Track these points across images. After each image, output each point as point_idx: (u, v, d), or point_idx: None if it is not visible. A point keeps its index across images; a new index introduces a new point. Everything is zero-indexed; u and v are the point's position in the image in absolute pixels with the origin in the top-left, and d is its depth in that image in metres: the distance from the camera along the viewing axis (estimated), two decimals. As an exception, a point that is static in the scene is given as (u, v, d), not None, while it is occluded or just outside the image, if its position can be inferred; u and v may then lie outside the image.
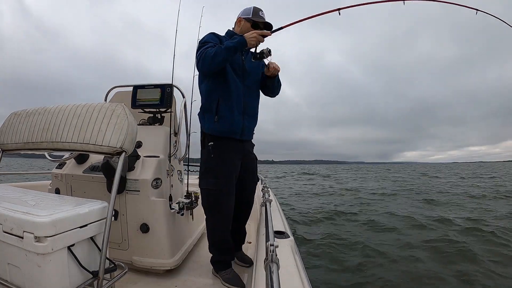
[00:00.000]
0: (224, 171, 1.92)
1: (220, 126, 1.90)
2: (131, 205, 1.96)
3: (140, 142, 2.20)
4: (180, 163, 2.48)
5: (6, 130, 1.56)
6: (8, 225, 1.01)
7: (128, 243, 1.99)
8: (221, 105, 1.89)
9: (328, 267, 4.10)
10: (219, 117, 1.89)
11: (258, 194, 3.92)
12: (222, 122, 1.89)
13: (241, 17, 2.03)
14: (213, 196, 1.93)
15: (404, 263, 4.36)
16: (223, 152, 1.93)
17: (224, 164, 1.93)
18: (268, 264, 0.89)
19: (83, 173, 2.07)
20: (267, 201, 2.05)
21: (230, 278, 1.91)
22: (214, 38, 1.90)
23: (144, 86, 2.34)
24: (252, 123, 2.08)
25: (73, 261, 1.07)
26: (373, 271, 3.90)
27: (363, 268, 4.04)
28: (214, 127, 1.91)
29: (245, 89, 1.99)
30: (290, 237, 1.59)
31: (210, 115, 1.92)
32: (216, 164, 1.92)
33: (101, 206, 1.21)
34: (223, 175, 1.92)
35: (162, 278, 1.97)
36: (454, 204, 9.42)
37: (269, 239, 1.11)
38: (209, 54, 1.73)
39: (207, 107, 1.95)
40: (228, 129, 1.91)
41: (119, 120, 1.36)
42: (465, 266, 3.97)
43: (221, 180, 1.91)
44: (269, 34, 1.81)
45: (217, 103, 1.89)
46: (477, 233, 5.51)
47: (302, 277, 1.09)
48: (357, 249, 4.73)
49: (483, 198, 10.77)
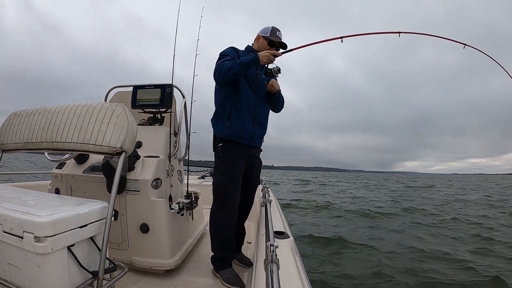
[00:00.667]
0: (229, 170, 2.05)
1: (229, 131, 2.05)
2: (131, 205, 1.96)
3: (140, 142, 2.20)
4: (180, 163, 2.48)
5: (6, 130, 1.56)
6: (8, 225, 1.01)
7: (128, 243, 1.99)
8: (233, 113, 2.05)
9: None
10: (230, 123, 2.05)
11: (258, 194, 3.92)
12: (232, 128, 2.05)
13: (260, 35, 2.20)
14: (219, 192, 2.06)
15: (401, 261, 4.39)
16: (230, 153, 2.07)
17: (229, 163, 2.07)
18: (268, 264, 0.89)
19: (83, 173, 2.07)
20: (267, 202, 2.05)
21: (230, 277, 1.94)
22: (233, 52, 2.07)
23: (144, 86, 2.35)
24: (261, 131, 2.24)
25: (73, 261, 1.07)
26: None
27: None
28: (225, 131, 2.06)
29: (257, 100, 2.15)
30: (290, 237, 1.59)
31: (223, 121, 2.08)
32: (222, 163, 2.08)
33: (101, 206, 1.21)
34: (228, 173, 2.04)
35: (162, 278, 1.97)
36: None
37: (269, 239, 1.11)
38: (225, 67, 1.91)
39: (221, 114, 2.10)
40: (237, 134, 2.06)
41: (119, 120, 1.36)
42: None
43: (226, 176, 2.03)
44: (280, 55, 2.03)
45: (229, 110, 2.05)
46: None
47: (302, 277, 1.09)
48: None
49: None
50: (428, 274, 4.03)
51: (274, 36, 2.14)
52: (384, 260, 4.58)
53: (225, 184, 2.02)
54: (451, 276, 4.00)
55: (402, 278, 3.85)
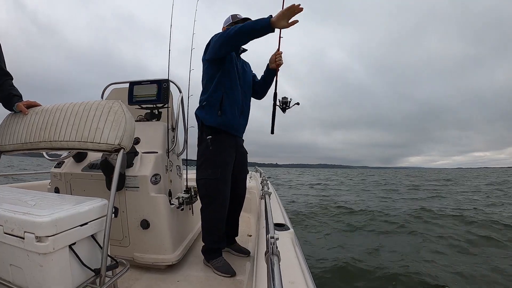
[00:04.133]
0: (221, 161, 2.04)
1: (222, 120, 2.02)
2: (131, 202, 1.96)
3: (138, 139, 2.20)
4: (179, 158, 2.48)
5: (4, 131, 1.55)
6: (8, 226, 1.01)
7: (129, 239, 2.00)
8: (225, 101, 2.02)
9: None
10: (222, 112, 2.01)
11: (258, 187, 3.93)
12: (224, 117, 2.02)
13: (224, 26, 2.18)
14: (211, 185, 2.03)
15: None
16: (222, 143, 2.05)
17: (222, 154, 2.05)
18: (269, 257, 0.89)
19: (82, 171, 2.07)
20: (266, 194, 2.06)
21: (220, 266, 2.00)
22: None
23: (140, 82, 2.33)
24: (246, 122, 2.25)
25: (75, 260, 1.08)
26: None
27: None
28: (217, 120, 2.02)
29: (242, 91, 2.15)
30: (290, 229, 1.60)
31: (213, 110, 2.03)
32: (214, 155, 2.03)
33: (101, 204, 1.21)
34: (220, 164, 2.03)
35: (164, 273, 1.99)
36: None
37: (269, 231, 1.12)
38: (234, 29, 1.77)
39: (211, 102, 2.04)
40: (228, 123, 2.04)
41: (116, 117, 1.35)
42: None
43: (218, 169, 2.02)
44: (300, 9, 1.62)
45: (221, 98, 2.01)
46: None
47: (303, 268, 1.10)
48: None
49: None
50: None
51: (235, 18, 2.13)
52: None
53: (217, 177, 2.00)
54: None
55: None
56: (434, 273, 3.83)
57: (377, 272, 3.91)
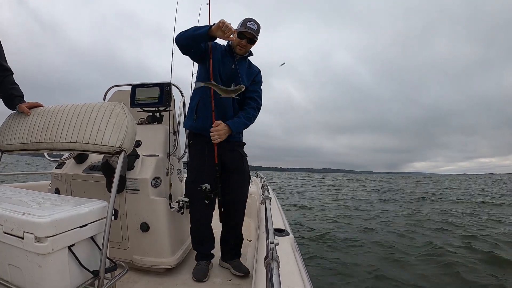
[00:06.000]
0: (195, 165, 2.08)
1: (196, 124, 2.06)
2: (131, 204, 1.96)
3: (140, 141, 2.20)
4: (180, 161, 2.47)
5: (5, 131, 1.56)
6: (8, 226, 1.01)
7: (129, 242, 2.00)
8: (200, 106, 2.05)
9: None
10: (197, 116, 2.05)
11: (258, 192, 3.92)
12: (198, 121, 2.05)
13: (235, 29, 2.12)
14: (189, 189, 2.08)
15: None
16: (197, 147, 2.10)
17: (194, 158, 2.11)
18: (269, 262, 0.89)
19: (82, 173, 2.07)
20: (266, 199, 2.05)
21: (194, 269, 2.03)
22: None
23: (143, 85, 2.34)
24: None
25: (74, 261, 1.07)
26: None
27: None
28: (192, 124, 2.09)
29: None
30: (290, 235, 1.59)
31: (191, 114, 2.09)
32: (191, 159, 2.13)
33: (101, 206, 1.21)
34: (194, 168, 2.08)
35: (163, 277, 1.98)
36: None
37: (269, 237, 1.11)
38: (182, 32, 1.89)
39: (191, 106, 2.12)
40: (202, 126, 2.03)
41: (118, 119, 1.36)
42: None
43: (193, 173, 2.07)
44: (234, 31, 1.80)
45: (197, 104, 2.05)
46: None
47: (303, 274, 1.09)
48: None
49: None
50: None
51: (245, 27, 1.98)
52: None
53: (192, 180, 2.03)
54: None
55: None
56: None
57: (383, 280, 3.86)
